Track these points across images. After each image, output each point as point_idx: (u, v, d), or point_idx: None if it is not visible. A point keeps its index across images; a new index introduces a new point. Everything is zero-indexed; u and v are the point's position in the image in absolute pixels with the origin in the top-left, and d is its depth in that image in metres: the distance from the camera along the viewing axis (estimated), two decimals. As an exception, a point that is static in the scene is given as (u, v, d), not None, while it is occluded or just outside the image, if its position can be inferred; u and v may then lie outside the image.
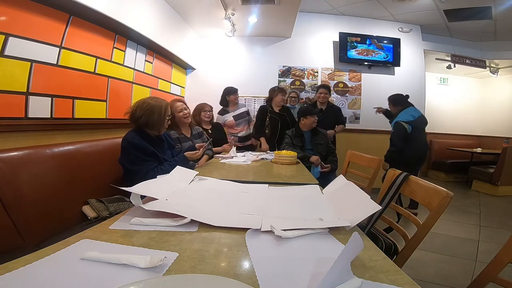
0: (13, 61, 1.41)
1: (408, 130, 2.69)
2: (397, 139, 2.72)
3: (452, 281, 1.71)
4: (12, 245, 1.13)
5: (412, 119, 2.73)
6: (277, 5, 3.05)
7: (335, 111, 3.17)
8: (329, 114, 3.09)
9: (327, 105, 3.17)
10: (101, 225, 0.70)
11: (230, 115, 3.00)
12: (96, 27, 1.98)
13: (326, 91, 3.13)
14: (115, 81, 2.21)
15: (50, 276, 0.47)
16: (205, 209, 0.83)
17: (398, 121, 2.75)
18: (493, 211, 3.28)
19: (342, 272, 0.44)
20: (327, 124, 2.98)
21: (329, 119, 3.05)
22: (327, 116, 3.06)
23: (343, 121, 3.17)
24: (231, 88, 2.99)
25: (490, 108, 5.45)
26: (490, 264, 0.73)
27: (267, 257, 0.56)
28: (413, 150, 2.74)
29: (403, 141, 2.70)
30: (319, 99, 3.17)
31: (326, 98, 3.13)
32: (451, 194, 0.85)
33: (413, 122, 2.72)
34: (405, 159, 2.68)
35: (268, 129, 2.89)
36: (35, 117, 1.53)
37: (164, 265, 0.51)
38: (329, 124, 3.02)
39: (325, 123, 2.97)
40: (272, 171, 1.61)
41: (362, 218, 0.76)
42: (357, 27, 4.21)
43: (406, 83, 4.24)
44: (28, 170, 1.29)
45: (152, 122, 1.49)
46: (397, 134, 2.72)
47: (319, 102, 3.18)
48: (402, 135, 2.70)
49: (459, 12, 3.75)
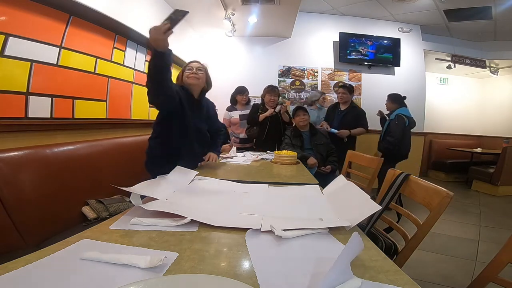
0: (13, 61, 1.41)
1: (406, 124, 2.90)
2: (398, 130, 2.88)
3: (452, 281, 1.71)
4: (12, 245, 1.13)
5: (409, 116, 2.97)
6: (277, 5, 3.05)
7: (356, 113, 3.02)
8: (349, 115, 2.99)
9: (349, 105, 3.04)
10: (101, 225, 0.70)
11: (237, 112, 3.03)
12: (96, 27, 1.98)
13: (344, 91, 3.01)
14: (115, 81, 2.21)
15: (50, 276, 0.47)
16: (205, 209, 0.83)
17: (400, 114, 2.92)
18: (493, 211, 3.28)
19: (342, 272, 0.44)
20: (345, 125, 2.92)
21: (348, 121, 2.95)
22: (346, 117, 2.98)
23: (364, 125, 2.98)
24: (241, 88, 3.05)
25: (490, 108, 5.45)
26: (490, 264, 0.73)
27: (267, 257, 0.56)
28: (406, 144, 2.98)
29: (401, 132, 2.88)
30: (338, 99, 3.13)
31: (343, 98, 3.01)
32: (451, 194, 0.85)
33: (409, 118, 2.94)
34: (403, 149, 2.93)
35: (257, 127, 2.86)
36: (35, 117, 1.53)
37: (164, 265, 0.51)
38: (348, 126, 2.93)
39: (344, 124, 2.92)
40: (272, 171, 1.61)
41: (362, 218, 0.76)
42: (357, 27, 4.21)
43: (406, 83, 4.25)
44: (28, 170, 1.29)
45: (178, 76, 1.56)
46: (398, 125, 2.89)
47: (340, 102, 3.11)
48: (402, 127, 2.89)
49: (459, 12, 3.75)
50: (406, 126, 2.91)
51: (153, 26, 1.11)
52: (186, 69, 1.55)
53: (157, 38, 1.11)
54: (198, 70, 1.53)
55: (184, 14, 1.10)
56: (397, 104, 3.06)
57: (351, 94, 3.04)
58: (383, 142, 3.02)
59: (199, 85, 1.55)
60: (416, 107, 4.26)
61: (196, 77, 1.51)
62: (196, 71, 1.52)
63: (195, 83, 1.52)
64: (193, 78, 1.51)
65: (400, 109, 3.01)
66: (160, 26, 1.10)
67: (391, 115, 3.07)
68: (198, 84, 1.53)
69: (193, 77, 1.51)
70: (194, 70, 1.52)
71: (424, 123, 4.39)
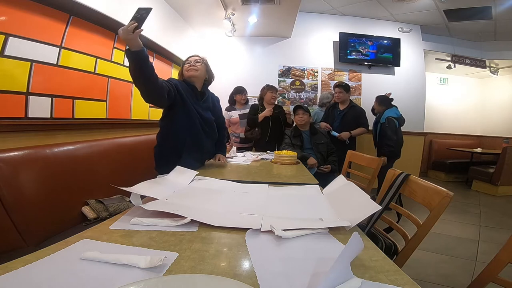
0: (13, 61, 1.41)
1: (396, 125, 3.01)
2: (392, 133, 2.97)
3: (452, 281, 1.71)
4: (12, 245, 1.13)
5: (397, 116, 3.07)
6: (277, 5, 3.06)
7: (356, 112, 2.98)
8: (348, 115, 2.95)
9: (348, 104, 3.01)
10: (101, 225, 0.70)
11: (236, 112, 3.05)
12: (96, 27, 1.98)
13: (340, 90, 2.97)
14: (115, 81, 2.21)
15: (50, 276, 0.47)
16: (205, 209, 0.83)
17: (389, 117, 3.01)
18: (493, 211, 3.28)
19: (342, 272, 0.44)
20: (345, 125, 2.90)
21: (348, 121, 2.93)
22: (346, 116, 2.95)
23: (364, 124, 2.96)
24: (239, 88, 3.09)
25: (490, 108, 5.45)
26: (490, 264, 0.73)
27: (267, 257, 0.56)
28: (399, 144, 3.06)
29: (395, 134, 2.98)
30: (336, 99, 3.09)
31: (340, 97, 2.98)
32: (451, 194, 0.85)
33: (398, 119, 3.06)
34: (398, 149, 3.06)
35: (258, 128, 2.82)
36: (35, 117, 1.53)
37: (164, 265, 0.51)
38: (348, 126, 2.90)
39: (343, 124, 2.90)
40: (272, 171, 1.61)
41: (362, 218, 0.76)
42: (357, 27, 4.21)
43: (406, 83, 4.25)
44: (28, 170, 1.29)
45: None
46: (391, 128, 2.97)
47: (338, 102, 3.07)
48: (394, 129, 2.98)
49: (459, 12, 3.76)
50: (398, 127, 3.04)
51: (121, 28, 1.12)
52: (185, 63, 1.58)
53: (128, 38, 1.12)
54: (196, 62, 1.56)
55: (148, 11, 1.13)
56: (384, 106, 3.15)
57: (348, 93, 3.02)
58: (385, 147, 2.99)
59: (200, 77, 1.58)
60: (416, 107, 4.27)
61: (195, 69, 1.54)
62: (194, 64, 1.55)
63: (194, 75, 1.54)
64: (192, 70, 1.54)
65: (387, 110, 3.10)
66: (127, 26, 1.11)
67: (381, 118, 3.10)
68: (198, 75, 1.56)
69: (192, 69, 1.54)
70: (192, 62, 1.55)
71: (424, 123, 4.38)
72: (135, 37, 1.14)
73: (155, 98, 1.34)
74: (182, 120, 1.48)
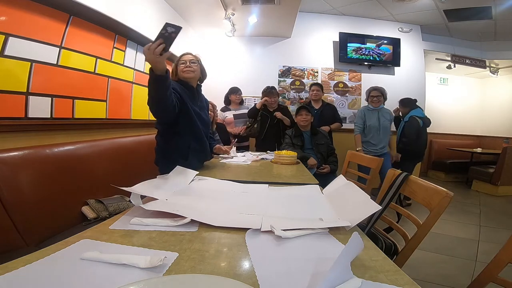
0: (13, 61, 1.41)
1: (420, 125, 3.05)
2: (412, 131, 3.04)
3: (452, 281, 1.71)
4: (12, 245, 1.13)
5: (423, 116, 3.15)
6: (277, 5, 3.06)
7: (331, 110, 3.15)
8: (325, 112, 3.09)
9: (321, 103, 3.16)
10: (101, 225, 0.70)
11: (231, 112, 3.09)
12: (96, 27, 1.98)
13: (318, 88, 3.11)
14: (115, 81, 2.21)
15: (50, 276, 0.47)
16: (205, 209, 0.83)
17: (413, 116, 3.10)
18: (493, 211, 3.28)
19: (342, 272, 0.44)
20: (323, 123, 2.98)
21: (326, 118, 3.04)
22: (323, 114, 3.06)
23: (340, 120, 3.17)
24: (234, 88, 3.14)
25: (490, 108, 5.45)
26: (490, 264, 0.73)
27: (267, 257, 0.56)
28: (423, 143, 3.13)
29: (415, 133, 3.04)
30: (311, 97, 3.17)
31: (318, 95, 3.11)
32: (451, 194, 0.85)
33: (423, 119, 3.11)
34: (417, 150, 3.10)
35: (257, 125, 2.94)
36: (35, 117, 1.53)
37: (164, 265, 0.51)
38: (326, 123, 3.00)
39: (322, 121, 2.97)
40: (272, 171, 1.61)
41: (362, 218, 0.76)
42: (357, 27, 4.21)
43: (406, 83, 4.24)
44: (28, 170, 1.29)
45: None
46: (412, 126, 3.06)
47: (312, 100, 3.17)
48: (416, 128, 3.03)
49: (459, 12, 3.75)
50: (422, 127, 3.06)
51: (146, 46, 1.03)
52: (180, 63, 1.53)
53: (154, 60, 1.06)
54: (192, 63, 1.52)
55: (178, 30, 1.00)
56: (409, 108, 3.22)
57: (322, 92, 3.19)
58: (399, 144, 3.18)
59: (195, 77, 1.57)
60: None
61: (191, 70, 1.51)
62: (189, 64, 1.51)
63: (191, 76, 1.52)
64: (189, 72, 1.51)
65: (413, 111, 3.17)
66: (154, 46, 1.02)
67: (405, 117, 3.21)
68: (194, 76, 1.54)
69: (189, 71, 1.50)
70: (188, 63, 1.51)
71: (424, 123, 4.39)
72: (162, 61, 1.07)
73: (165, 116, 1.35)
74: (184, 122, 1.47)
